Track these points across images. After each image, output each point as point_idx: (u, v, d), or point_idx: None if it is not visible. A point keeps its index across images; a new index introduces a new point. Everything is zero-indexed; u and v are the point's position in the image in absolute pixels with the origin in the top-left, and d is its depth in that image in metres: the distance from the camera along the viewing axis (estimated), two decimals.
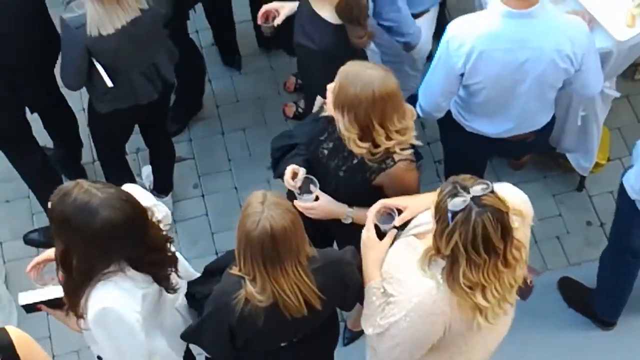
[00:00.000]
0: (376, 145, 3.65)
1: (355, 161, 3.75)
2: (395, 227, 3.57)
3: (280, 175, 3.96)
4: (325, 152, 3.88)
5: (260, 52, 5.93)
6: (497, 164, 5.37)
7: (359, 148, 3.65)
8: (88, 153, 5.41)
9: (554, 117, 4.48)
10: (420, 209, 3.53)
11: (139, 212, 3.30)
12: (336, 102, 3.61)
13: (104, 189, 3.24)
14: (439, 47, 4.11)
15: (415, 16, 4.71)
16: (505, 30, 3.97)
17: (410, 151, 3.71)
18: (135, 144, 5.29)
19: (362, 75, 3.55)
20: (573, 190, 5.39)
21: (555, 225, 5.29)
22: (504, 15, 3.95)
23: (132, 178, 5.14)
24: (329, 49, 4.08)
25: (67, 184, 3.30)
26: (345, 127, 3.63)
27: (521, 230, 3.28)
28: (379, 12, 4.48)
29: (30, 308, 3.53)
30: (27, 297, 3.52)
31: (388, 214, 3.61)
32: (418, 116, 4.31)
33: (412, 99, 4.46)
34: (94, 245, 3.24)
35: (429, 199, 3.33)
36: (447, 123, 4.44)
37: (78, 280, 3.33)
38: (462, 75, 4.09)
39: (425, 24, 4.81)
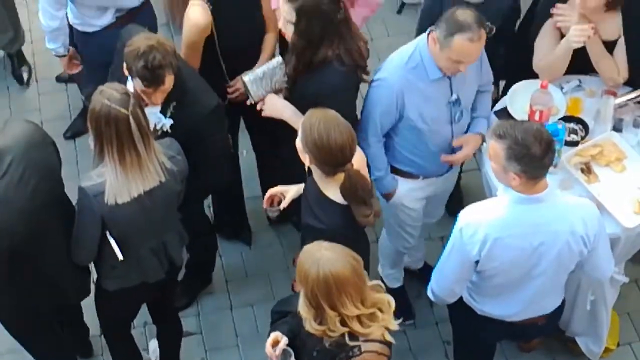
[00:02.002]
0: (332, 330, 3.64)
1: (327, 344, 3.72)
2: None
3: None
4: None
5: (270, 228, 5.98)
6: (506, 345, 5.32)
7: (314, 330, 3.66)
8: (96, 325, 5.38)
9: (563, 301, 4.48)
10: None
11: None
12: (297, 278, 3.66)
13: None
14: (452, 234, 4.15)
15: (396, 171, 4.81)
16: (518, 217, 4.02)
17: (377, 345, 3.66)
18: (143, 317, 5.27)
19: (314, 254, 3.62)
20: None
21: None
22: (516, 201, 4.01)
23: (138, 353, 5.10)
24: (337, 229, 4.11)
25: None
26: (301, 305, 3.67)
27: None
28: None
29: None
30: None
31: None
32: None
33: (427, 271, 4.47)
34: None
35: None
36: (458, 306, 4.42)
37: None
38: (477, 262, 4.12)
39: (410, 186, 4.90)
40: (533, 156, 3.89)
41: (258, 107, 4.75)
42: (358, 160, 4.18)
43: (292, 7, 4.39)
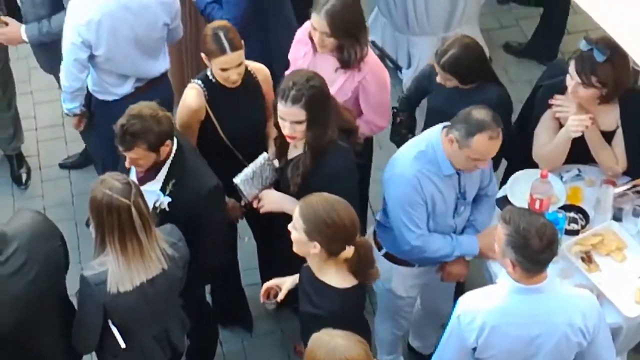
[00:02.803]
0: None
1: None
2: None
3: None
4: None
5: (271, 315, 5.97)
6: None
7: None
8: None
9: None
10: None
11: None
12: None
13: None
14: (450, 320, 4.15)
15: (391, 258, 4.85)
16: (516, 306, 4.02)
17: None
18: None
19: (329, 342, 3.63)
20: None
21: None
22: (514, 290, 4.01)
23: None
24: (336, 313, 4.12)
25: None
26: None
27: None
28: None
29: None
30: None
31: None
32: None
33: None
34: None
35: None
36: None
37: None
38: (474, 349, 4.10)
39: (405, 274, 4.95)
40: (530, 249, 3.89)
41: (255, 206, 4.82)
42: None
43: (300, 107, 4.48)
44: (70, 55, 5.31)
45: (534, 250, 3.89)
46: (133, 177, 4.71)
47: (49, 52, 5.80)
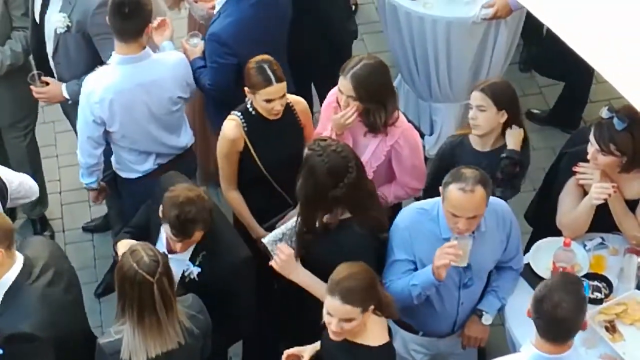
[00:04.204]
0: None
1: None
2: None
3: None
4: None
5: None
6: None
7: None
8: None
9: None
10: None
11: None
12: None
13: None
14: None
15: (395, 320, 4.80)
16: None
17: None
18: None
19: None
20: None
21: None
22: (537, 359, 3.96)
23: None
24: None
25: None
26: None
27: None
28: None
29: None
30: None
31: None
32: None
33: None
34: None
35: None
36: None
37: None
38: None
39: (408, 338, 4.95)
40: (543, 312, 3.88)
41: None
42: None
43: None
44: (84, 133, 5.34)
45: (546, 316, 3.87)
46: (162, 240, 4.74)
47: None
